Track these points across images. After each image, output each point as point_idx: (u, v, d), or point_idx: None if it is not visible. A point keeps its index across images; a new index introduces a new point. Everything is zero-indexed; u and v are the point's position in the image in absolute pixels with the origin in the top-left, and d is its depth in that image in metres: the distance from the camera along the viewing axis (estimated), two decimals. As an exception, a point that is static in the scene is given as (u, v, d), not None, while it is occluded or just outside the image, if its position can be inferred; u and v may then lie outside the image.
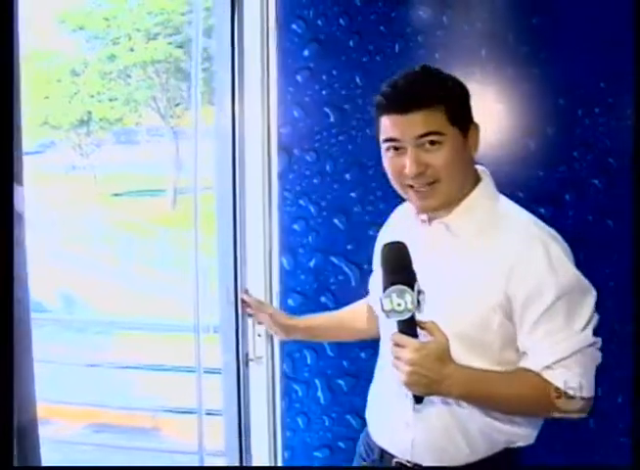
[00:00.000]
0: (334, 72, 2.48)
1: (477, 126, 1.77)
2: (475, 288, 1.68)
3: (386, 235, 1.98)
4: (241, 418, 2.52)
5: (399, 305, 1.55)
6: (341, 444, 2.60)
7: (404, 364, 1.57)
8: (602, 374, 1.73)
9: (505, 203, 1.81)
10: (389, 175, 1.77)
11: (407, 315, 1.56)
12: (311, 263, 2.55)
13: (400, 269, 1.59)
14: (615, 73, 2.31)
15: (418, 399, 1.63)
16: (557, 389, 1.61)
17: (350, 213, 2.50)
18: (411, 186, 1.72)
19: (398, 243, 1.64)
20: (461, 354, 1.63)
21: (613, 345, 2.32)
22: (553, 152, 2.36)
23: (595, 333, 1.68)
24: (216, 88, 2.57)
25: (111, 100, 16.28)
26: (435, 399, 1.69)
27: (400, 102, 1.68)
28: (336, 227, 2.51)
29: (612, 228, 2.36)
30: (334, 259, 2.53)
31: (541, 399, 1.63)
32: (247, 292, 2.42)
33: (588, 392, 1.64)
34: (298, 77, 2.50)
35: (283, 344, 2.57)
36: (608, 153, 2.33)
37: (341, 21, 2.45)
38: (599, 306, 2.33)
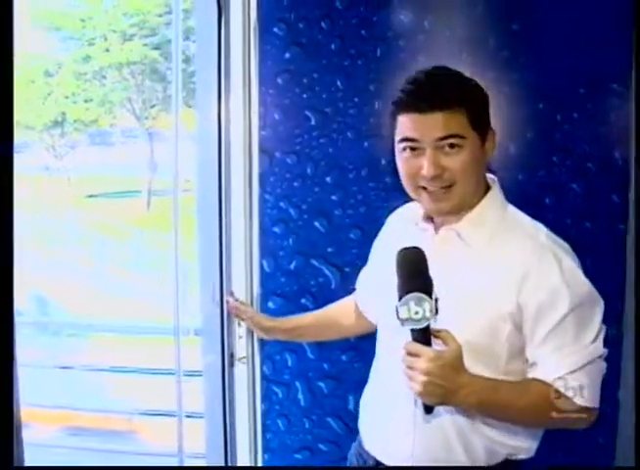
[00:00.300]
0: (315, 76, 2.48)
1: (494, 132, 1.74)
2: (485, 297, 1.65)
3: (387, 242, 1.94)
4: (226, 420, 2.52)
5: (417, 313, 1.50)
6: (321, 446, 2.60)
7: (419, 374, 1.52)
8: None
9: (514, 212, 1.79)
10: (403, 175, 1.72)
11: (424, 324, 1.52)
12: (292, 266, 2.55)
13: (417, 276, 1.55)
14: (593, 79, 2.33)
15: (428, 409, 1.59)
16: (556, 391, 1.61)
17: (331, 216, 2.50)
18: (424, 188, 1.68)
19: (415, 248, 1.60)
20: (468, 365, 1.58)
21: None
22: (532, 156, 2.39)
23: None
24: (198, 90, 2.58)
25: (85, 101, 16.10)
26: (440, 409, 1.65)
27: (422, 101, 1.63)
28: (316, 230, 2.52)
29: (590, 231, 2.38)
30: (314, 262, 2.53)
31: (557, 409, 1.62)
32: (232, 294, 2.45)
33: (594, 402, 1.64)
34: (279, 80, 2.50)
35: (263, 346, 2.57)
36: (586, 158, 2.36)
37: (322, 24, 2.46)
38: None
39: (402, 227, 1.89)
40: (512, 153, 2.38)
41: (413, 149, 1.66)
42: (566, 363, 1.61)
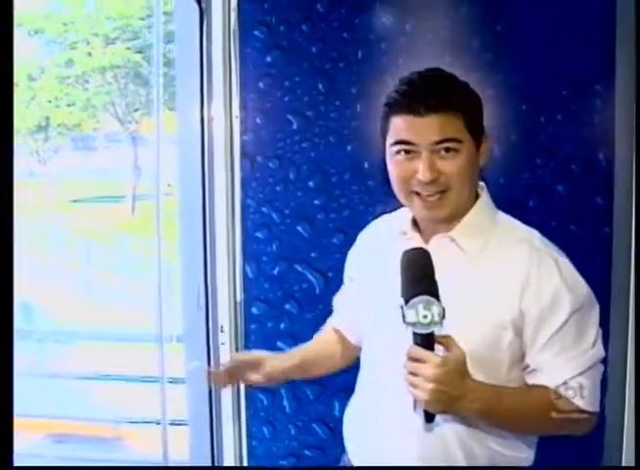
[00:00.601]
0: (296, 79, 2.46)
1: (487, 137, 1.69)
2: (486, 305, 1.59)
3: (369, 257, 1.85)
4: (212, 427, 2.50)
5: (425, 317, 1.42)
6: (307, 452, 2.58)
7: (425, 381, 1.45)
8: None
9: (505, 217, 1.74)
10: (395, 179, 1.63)
11: (432, 329, 1.44)
12: (275, 271, 2.53)
13: (424, 278, 1.47)
14: (577, 80, 2.33)
15: (430, 418, 1.52)
16: (558, 395, 1.57)
17: (314, 221, 2.49)
18: (417, 194, 1.61)
19: (420, 249, 1.55)
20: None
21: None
22: (516, 158, 2.38)
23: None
24: (178, 94, 2.56)
25: (68, 105, 16.05)
26: (440, 418, 1.58)
27: (418, 103, 1.56)
28: (299, 235, 2.50)
29: (575, 233, 2.37)
30: (298, 267, 2.51)
31: (562, 418, 1.58)
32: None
33: (596, 406, 1.61)
34: (260, 84, 2.48)
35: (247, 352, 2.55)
36: (570, 159, 2.35)
37: (303, 27, 2.44)
38: None
39: (384, 240, 1.78)
40: (496, 155, 2.36)
41: (407, 152, 1.59)
42: (569, 368, 1.58)
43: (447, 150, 1.57)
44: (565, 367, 1.57)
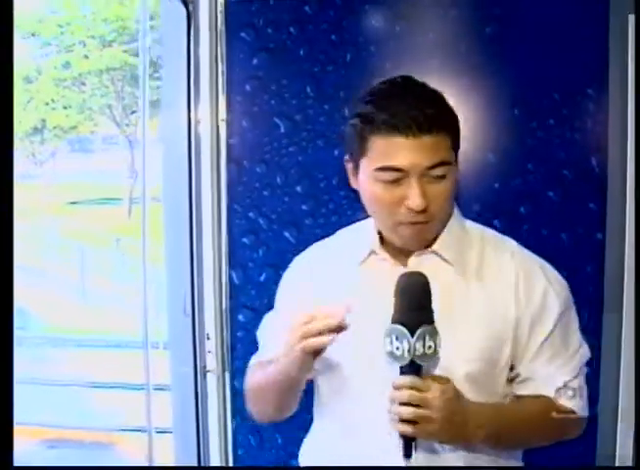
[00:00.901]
0: (284, 82, 2.42)
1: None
2: (483, 319, 1.49)
3: (324, 280, 1.59)
4: (199, 436, 2.47)
5: (430, 347, 1.32)
6: (293, 462, 2.53)
7: (433, 411, 1.34)
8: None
9: (475, 226, 1.63)
10: (380, 208, 1.46)
11: (436, 359, 1.36)
12: (262, 278, 2.49)
13: (426, 305, 1.36)
14: (568, 85, 2.29)
15: (409, 452, 1.39)
16: (556, 401, 1.51)
17: (301, 227, 2.44)
18: (405, 222, 1.44)
19: (419, 275, 1.38)
20: (470, 398, 1.43)
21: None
22: (508, 164, 2.34)
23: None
24: (164, 97, 2.53)
25: (65, 108, 16.06)
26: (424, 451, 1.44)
27: (408, 123, 1.38)
28: (287, 241, 2.45)
29: (567, 240, 2.34)
30: (285, 274, 2.47)
31: (561, 425, 1.54)
32: None
33: (587, 408, 1.57)
34: (247, 87, 2.44)
35: (233, 360, 2.51)
36: (562, 165, 2.31)
37: (291, 29, 2.41)
38: None
39: (346, 263, 1.58)
40: (487, 161, 2.34)
41: (395, 178, 1.41)
42: (563, 372, 1.52)
43: (438, 177, 1.42)
44: (559, 372, 1.52)
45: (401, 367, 1.35)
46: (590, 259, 2.33)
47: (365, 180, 1.46)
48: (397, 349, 1.33)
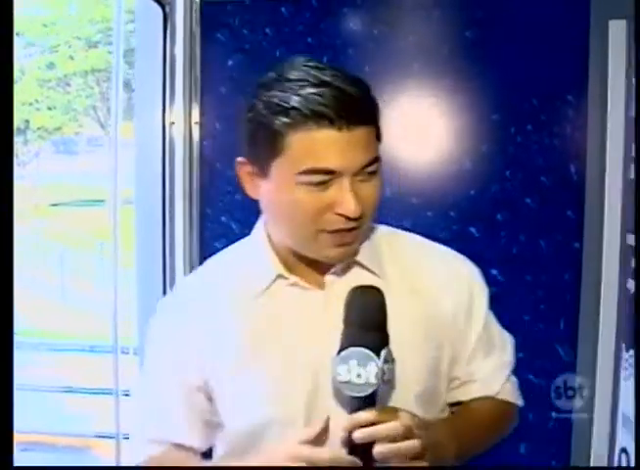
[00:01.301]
0: (259, 84, 2.39)
1: None
2: (424, 332, 1.32)
3: (215, 323, 1.30)
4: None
5: (384, 372, 1.12)
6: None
7: (415, 443, 1.12)
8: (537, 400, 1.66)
9: (384, 229, 1.39)
10: (300, 215, 1.17)
11: (376, 387, 1.13)
12: (235, 283, 2.45)
13: (385, 323, 1.17)
14: (547, 90, 2.28)
15: None
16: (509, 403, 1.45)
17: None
18: (325, 230, 1.18)
19: (374, 289, 1.18)
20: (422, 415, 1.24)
21: (544, 367, 2.30)
22: (485, 170, 2.32)
23: None
24: (137, 98, 2.50)
25: (49, 108, 15.99)
26: None
27: (339, 114, 1.12)
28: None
29: (543, 248, 2.32)
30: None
31: (507, 421, 1.47)
32: None
33: (521, 400, 1.49)
34: (222, 89, 2.41)
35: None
36: (540, 171, 2.30)
37: (267, 30, 2.37)
38: (531, 328, 2.32)
39: (240, 298, 1.29)
40: (464, 167, 2.31)
41: (323, 180, 1.15)
42: (499, 369, 1.43)
43: (370, 173, 1.18)
44: (496, 369, 1.43)
45: (358, 399, 1.13)
46: (568, 267, 2.31)
47: (280, 186, 1.18)
48: (359, 376, 1.11)
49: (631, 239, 2.00)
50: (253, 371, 1.25)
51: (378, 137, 1.20)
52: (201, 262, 2.41)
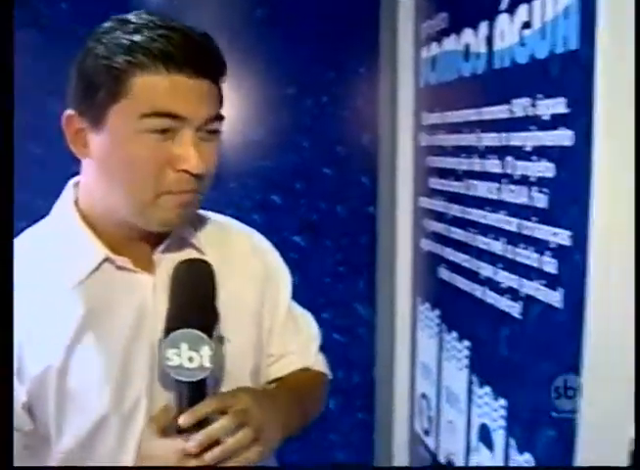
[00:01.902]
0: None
1: None
2: (246, 310, 1.30)
3: (36, 318, 1.11)
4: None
5: (214, 356, 1.03)
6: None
7: (246, 434, 1.05)
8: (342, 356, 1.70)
9: (208, 213, 1.37)
10: (139, 172, 1.06)
11: (207, 372, 1.04)
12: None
13: (215, 299, 1.11)
14: (341, 63, 2.36)
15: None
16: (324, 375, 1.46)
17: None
18: (171, 191, 1.09)
19: (201, 261, 1.15)
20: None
21: (346, 325, 2.41)
22: (283, 141, 2.38)
23: None
24: None
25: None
26: None
27: (189, 58, 1.04)
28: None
29: (340, 214, 2.43)
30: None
31: (324, 391, 1.46)
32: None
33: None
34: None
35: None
36: (335, 141, 2.39)
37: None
38: (332, 290, 2.41)
39: (57, 288, 1.13)
40: (262, 139, 2.36)
41: (164, 129, 1.05)
42: (311, 338, 1.46)
43: (211, 132, 1.11)
44: (309, 340, 1.46)
45: (189, 384, 1.04)
46: (364, 230, 2.44)
47: (118, 136, 1.06)
48: (191, 360, 1.02)
49: (424, 202, 2.09)
50: (85, 367, 1.11)
51: (220, 100, 1.13)
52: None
